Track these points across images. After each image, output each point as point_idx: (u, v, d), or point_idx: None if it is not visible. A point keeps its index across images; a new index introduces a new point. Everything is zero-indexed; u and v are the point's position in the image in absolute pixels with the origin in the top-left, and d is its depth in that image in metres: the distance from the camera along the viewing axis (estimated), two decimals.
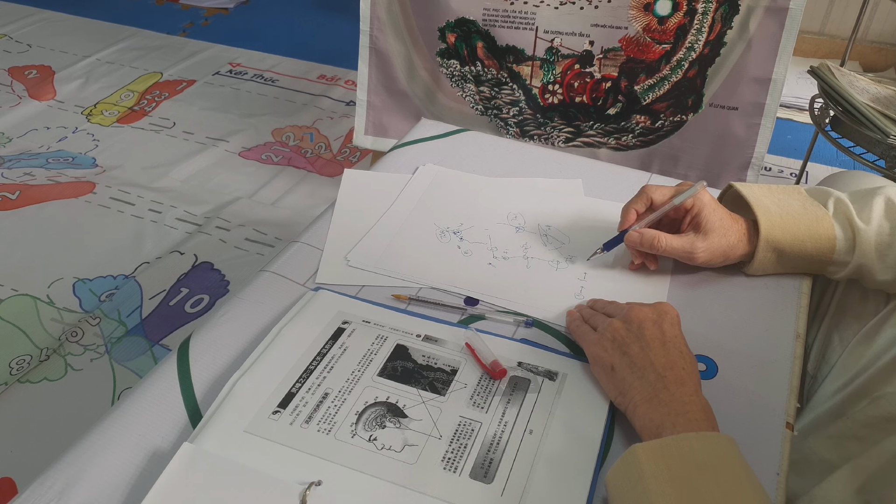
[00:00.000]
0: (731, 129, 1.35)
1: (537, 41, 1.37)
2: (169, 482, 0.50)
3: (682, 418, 0.51)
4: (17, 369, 1.30)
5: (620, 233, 0.72)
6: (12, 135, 2.01)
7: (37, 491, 0.51)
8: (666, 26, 1.30)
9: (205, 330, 0.65)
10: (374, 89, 1.50)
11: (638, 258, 0.72)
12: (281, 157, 1.93)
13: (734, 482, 0.47)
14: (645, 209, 0.72)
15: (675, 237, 0.69)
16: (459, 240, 0.77)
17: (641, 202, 0.71)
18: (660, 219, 0.71)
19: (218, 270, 1.54)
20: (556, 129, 1.45)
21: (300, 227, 0.90)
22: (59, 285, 1.49)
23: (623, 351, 0.58)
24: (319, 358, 0.62)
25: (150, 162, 1.91)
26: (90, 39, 2.54)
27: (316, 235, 0.77)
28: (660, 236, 0.69)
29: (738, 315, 0.68)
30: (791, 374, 0.62)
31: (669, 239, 0.68)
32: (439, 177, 0.87)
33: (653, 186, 0.71)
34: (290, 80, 2.32)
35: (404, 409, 0.57)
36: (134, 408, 0.58)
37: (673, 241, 0.68)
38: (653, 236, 0.69)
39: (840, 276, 0.69)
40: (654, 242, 0.69)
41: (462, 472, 0.52)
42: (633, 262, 0.73)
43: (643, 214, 0.72)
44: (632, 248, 0.72)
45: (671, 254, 0.69)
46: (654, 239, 0.69)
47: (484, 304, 0.69)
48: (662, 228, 0.71)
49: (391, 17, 1.41)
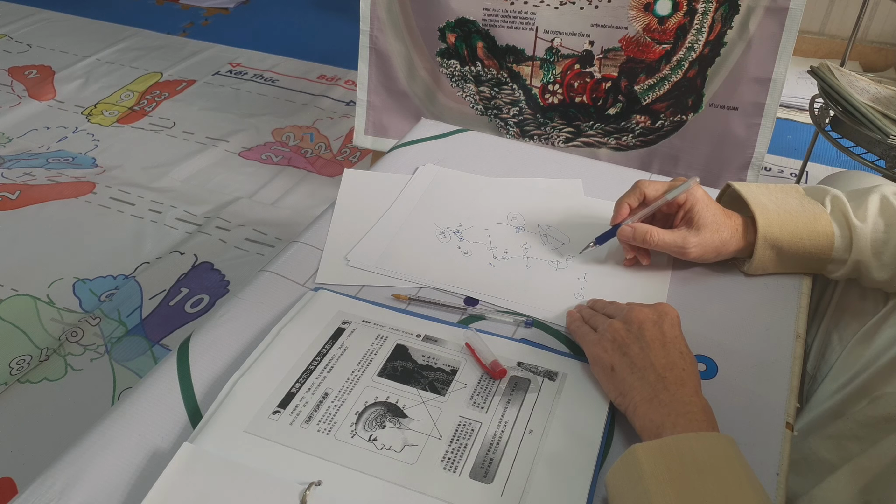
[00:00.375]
0: (731, 129, 1.35)
1: (537, 41, 1.37)
2: (169, 482, 0.50)
3: (682, 419, 0.51)
4: (17, 369, 1.30)
5: (613, 227, 0.72)
6: (12, 135, 2.01)
7: (37, 491, 0.51)
8: (666, 26, 1.30)
9: (205, 330, 0.65)
10: (374, 89, 1.50)
11: (630, 252, 0.72)
12: (281, 157, 1.93)
13: (734, 482, 0.47)
14: (638, 204, 0.72)
15: (668, 232, 0.69)
16: (459, 240, 0.77)
17: (634, 197, 0.71)
18: (653, 213, 0.71)
19: (218, 270, 1.54)
20: (556, 129, 1.45)
21: (300, 227, 0.90)
22: (59, 285, 1.49)
23: (623, 352, 0.58)
24: (319, 358, 0.62)
25: (150, 162, 1.91)
26: (90, 39, 2.54)
27: (316, 235, 0.77)
28: (652, 231, 0.69)
29: (738, 315, 0.68)
30: (791, 374, 0.62)
31: (661, 234, 0.69)
32: (439, 177, 0.87)
33: (646, 181, 0.71)
34: (290, 80, 2.32)
35: (404, 409, 0.57)
36: (134, 408, 0.58)
37: (665, 236, 0.69)
38: (645, 231, 0.69)
39: (839, 275, 0.69)
40: (647, 237, 0.69)
41: (462, 472, 0.52)
42: (626, 257, 0.73)
43: (636, 209, 0.72)
44: (624, 242, 0.72)
45: (663, 248, 0.69)
46: (647, 233, 0.69)
47: (484, 304, 0.69)
48: (656, 223, 0.71)
49: (391, 17, 1.41)
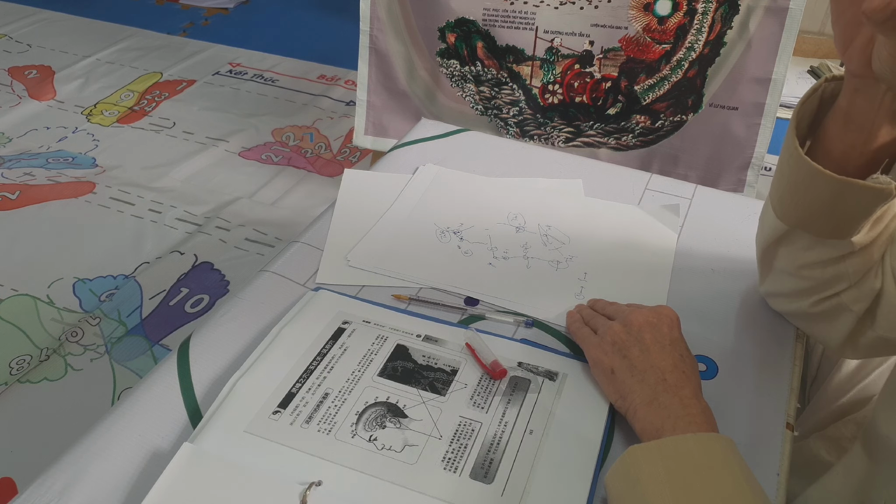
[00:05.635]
0: (731, 129, 1.35)
1: (537, 41, 1.37)
2: (169, 482, 0.50)
3: (682, 421, 0.51)
4: (17, 369, 1.30)
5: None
6: (12, 135, 2.01)
7: (37, 491, 0.51)
8: (666, 26, 1.30)
9: (205, 330, 0.65)
10: (374, 89, 1.50)
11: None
12: (281, 157, 1.93)
13: (732, 483, 0.47)
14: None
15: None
16: (459, 240, 0.77)
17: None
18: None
19: (218, 270, 1.54)
20: (556, 129, 1.45)
21: (300, 227, 0.90)
22: (59, 285, 1.49)
23: (623, 354, 0.57)
24: (320, 358, 0.62)
25: (150, 162, 1.91)
26: (90, 39, 2.54)
27: (316, 235, 0.77)
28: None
29: (738, 315, 0.68)
30: (791, 374, 0.62)
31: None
32: (439, 177, 0.87)
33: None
34: (290, 80, 2.32)
35: (404, 410, 0.57)
36: (134, 408, 0.58)
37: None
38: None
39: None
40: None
41: (462, 473, 0.52)
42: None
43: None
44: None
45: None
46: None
47: (484, 305, 0.69)
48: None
49: (391, 17, 1.41)
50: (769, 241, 0.62)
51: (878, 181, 0.50)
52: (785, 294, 0.64)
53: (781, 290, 0.64)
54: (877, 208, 0.52)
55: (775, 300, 0.66)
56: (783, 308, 0.66)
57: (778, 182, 0.58)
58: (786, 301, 0.65)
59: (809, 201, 0.55)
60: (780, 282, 0.64)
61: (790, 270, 0.61)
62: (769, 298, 0.67)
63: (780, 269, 0.63)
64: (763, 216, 0.64)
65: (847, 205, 0.53)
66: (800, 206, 0.56)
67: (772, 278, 0.65)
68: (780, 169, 0.57)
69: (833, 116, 0.53)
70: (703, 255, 0.75)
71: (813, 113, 0.56)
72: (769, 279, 0.65)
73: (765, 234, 0.63)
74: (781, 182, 0.58)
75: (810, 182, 0.53)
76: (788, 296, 0.64)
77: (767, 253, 0.63)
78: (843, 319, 0.59)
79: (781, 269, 0.62)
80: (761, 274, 0.67)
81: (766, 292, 0.67)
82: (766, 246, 0.63)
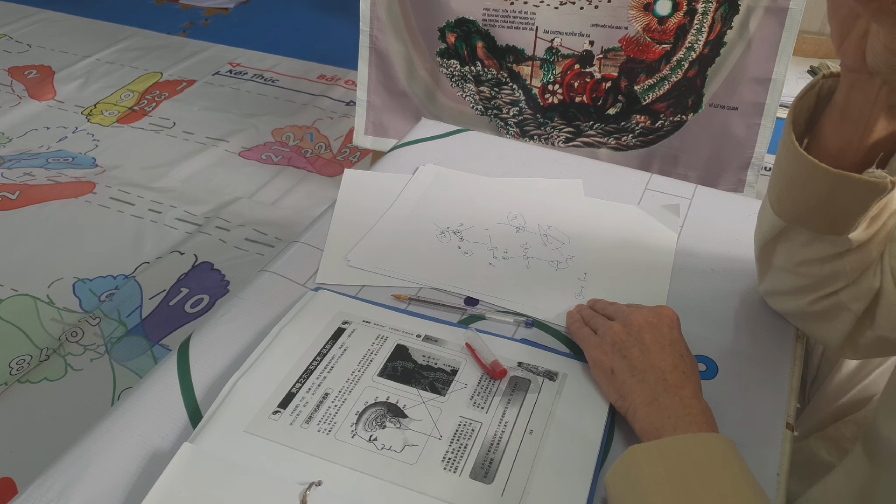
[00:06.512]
0: (731, 129, 1.35)
1: (537, 41, 1.37)
2: (169, 482, 0.50)
3: (681, 421, 0.51)
4: (17, 369, 1.30)
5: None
6: (12, 135, 2.01)
7: (37, 491, 0.51)
8: (666, 26, 1.30)
9: (205, 330, 0.65)
10: (374, 89, 1.50)
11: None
12: (281, 157, 1.93)
13: (731, 483, 0.47)
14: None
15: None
16: (459, 240, 0.77)
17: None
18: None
19: (218, 270, 1.54)
20: (556, 129, 1.45)
21: (300, 227, 0.90)
22: (59, 285, 1.49)
23: (623, 354, 0.57)
24: (319, 358, 0.62)
25: (150, 162, 1.91)
26: (90, 39, 2.54)
27: (316, 235, 0.77)
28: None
29: (738, 315, 0.68)
30: (791, 374, 0.62)
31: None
32: (439, 177, 0.87)
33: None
34: (290, 80, 2.32)
35: (404, 410, 0.57)
36: (134, 408, 0.58)
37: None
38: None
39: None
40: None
41: (462, 473, 0.52)
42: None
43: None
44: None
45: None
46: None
47: (484, 304, 0.69)
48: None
49: (391, 17, 1.41)
50: (767, 237, 0.62)
51: (873, 175, 0.50)
52: (784, 292, 0.64)
53: (780, 288, 0.64)
54: (873, 202, 0.52)
55: (774, 299, 0.66)
56: (782, 307, 0.66)
57: (775, 178, 0.58)
58: (785, 299, 0.65)
59: (807, 197, 0.55)
60: (779, 279, 0.64)
61: (788, 267, 0.61)
62: (768, 297, 0.67)
63: (779, 267, 0.63)
64: (761, 213, 0.64)
65: (844, 199, 0.53)
66: (797, 202, 0.56)
67: (770, 276, 0.65)
68: (778, 165, 0.57)
69: (830, 112, 0.53)
70: (703, 255, 0.75)
71: (810, 110, 0.56)
72: (768, 277, 0.65)
73: (763, 230, 0.63)
74: (779, 178, 0.58)
75: (808, 177, 0.53)
76: (787, 294, 0.64)
77: (766, 250, 0.63)
78: (842, 319, 0.59)
79: (780, 266, 0.62)
80: (760, 272, 0.67)
81: (765, 290, 0.67)
82: (764, 243, 0.63)
